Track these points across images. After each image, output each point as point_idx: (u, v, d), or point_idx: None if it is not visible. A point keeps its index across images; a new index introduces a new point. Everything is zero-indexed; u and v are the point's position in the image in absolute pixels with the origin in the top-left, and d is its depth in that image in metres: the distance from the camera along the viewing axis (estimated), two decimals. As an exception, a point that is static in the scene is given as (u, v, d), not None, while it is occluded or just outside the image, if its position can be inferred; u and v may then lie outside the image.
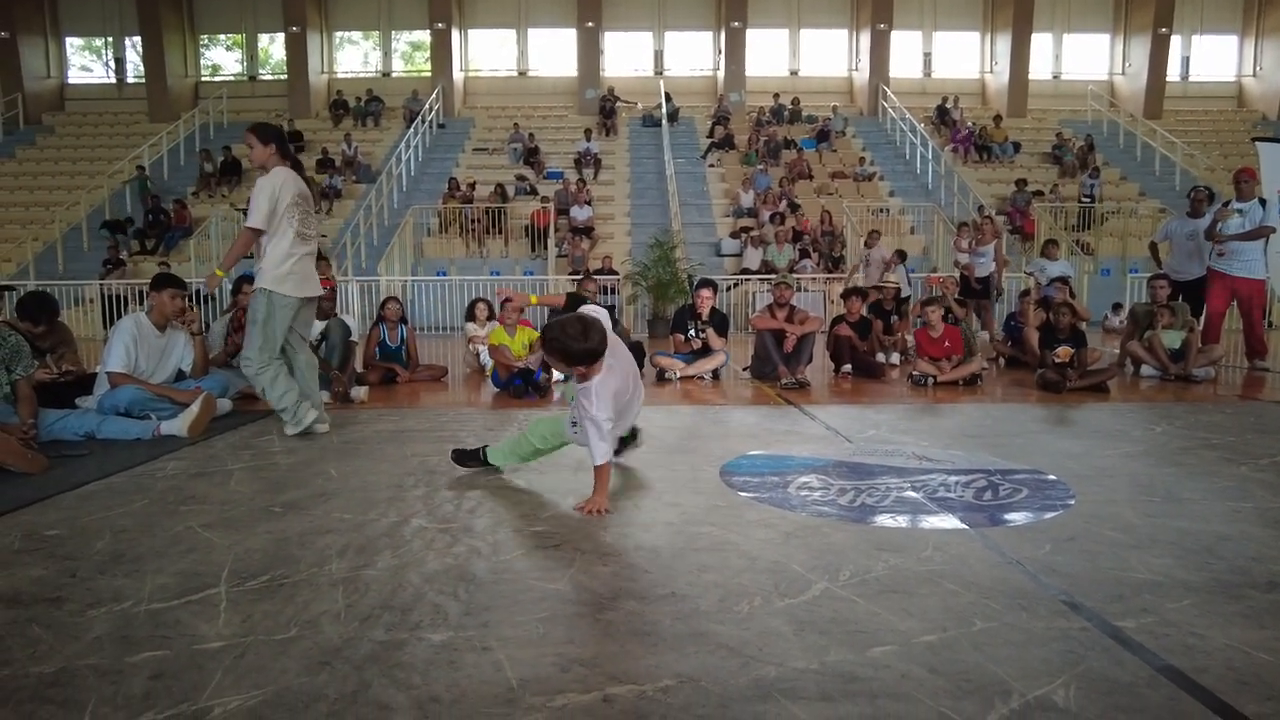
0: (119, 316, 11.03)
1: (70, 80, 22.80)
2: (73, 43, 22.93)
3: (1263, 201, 7.25)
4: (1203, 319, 7.41)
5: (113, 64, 22.89)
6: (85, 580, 2.21)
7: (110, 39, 22.82)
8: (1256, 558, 2.35)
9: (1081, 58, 22.94)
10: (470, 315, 7.92)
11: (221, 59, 23.77)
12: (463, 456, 3.49)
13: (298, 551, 2.44)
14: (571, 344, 2.75)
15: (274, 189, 4.22)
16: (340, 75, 22.97)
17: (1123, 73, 22.49)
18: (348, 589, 2.14)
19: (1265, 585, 2.14)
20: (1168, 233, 7.81)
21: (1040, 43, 22.05)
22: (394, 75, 23.22)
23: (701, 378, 6.75)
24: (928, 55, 23.00)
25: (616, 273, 13.26)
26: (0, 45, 20.84)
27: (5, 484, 3.24)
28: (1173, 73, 22.17)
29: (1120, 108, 20.57)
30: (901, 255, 11.55)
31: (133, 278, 13.52)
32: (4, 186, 18.31)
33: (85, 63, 23.53)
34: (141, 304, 5.67)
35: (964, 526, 2.69)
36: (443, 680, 1.65)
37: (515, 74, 23.05)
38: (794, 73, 22.88)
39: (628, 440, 3.57)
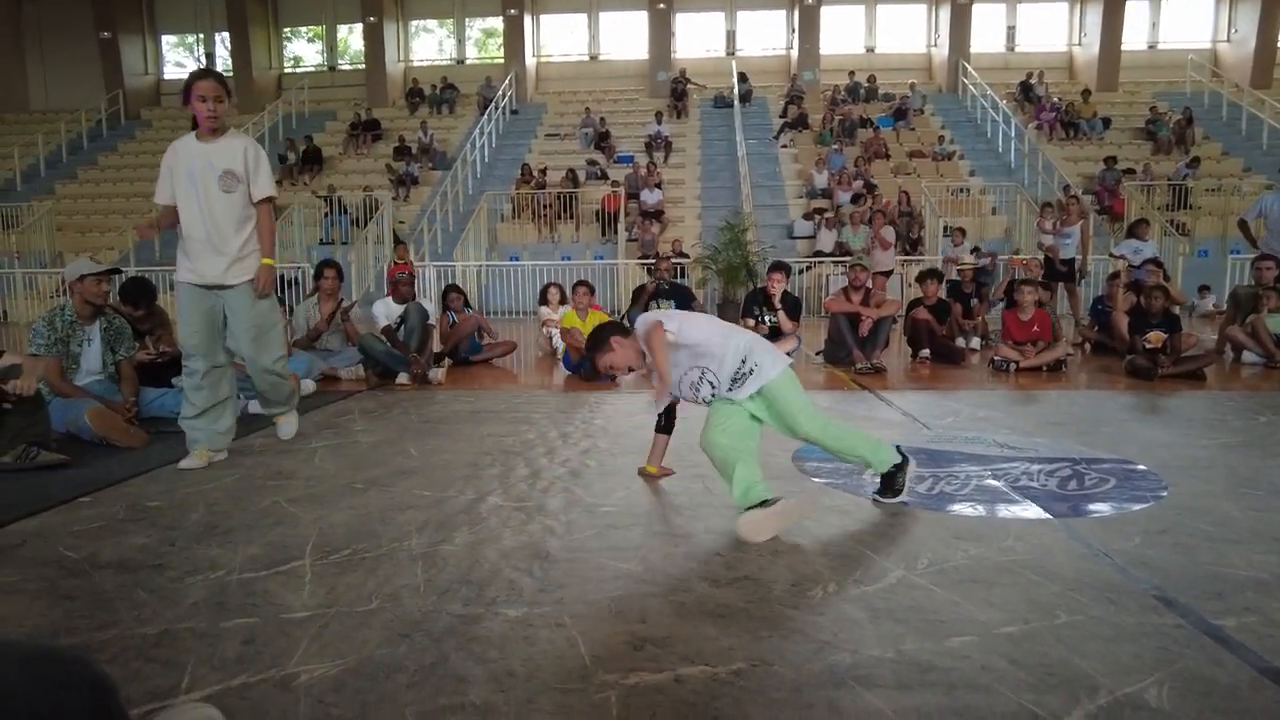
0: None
1: (165, 76, 23.85)
2: (168, 40, 23.97)
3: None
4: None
5: (203, 59, 23.85)
6: (183, 549, 2.33)
7: (201, 35, 23.78)
8: (1372, 556, 2.20)
9: (1181, 25, 21.63)
10: (543, 299, 8.02)
11: (303, 50, 24.52)
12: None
13: (379, 527, 2.52)
14: (593, 355, 2.72)
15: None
16: (416, 64, 23.41)
17: (1228, 39, 21.10)
18: (426, 564, 2.20)
19: (1382, 585, 2.00)
20: (1263, 209, 7.31)
21: (1135, 10, 20.87)
22: (468, 62, 23.54)
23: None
24: (1011, 28, 22.05)
25: (687, 256, 13.20)
26: (102, 45, 21.95)
27: (111, 458, 3.44)
28: (1284, 38, 20.70)
29: (1224, 77, 19.33)
30: (961, 232, 11.21)
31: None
32: (106, 179, 19.34)
33: (179, 59, 24.60)
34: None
35: (1047, 516, 2.59)
36: (518, 655, 1.68)
37: (587, 58, 23.08)
38: (870, 50, 22.27)
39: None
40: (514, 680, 1.58)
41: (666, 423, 3.01)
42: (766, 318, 6.92)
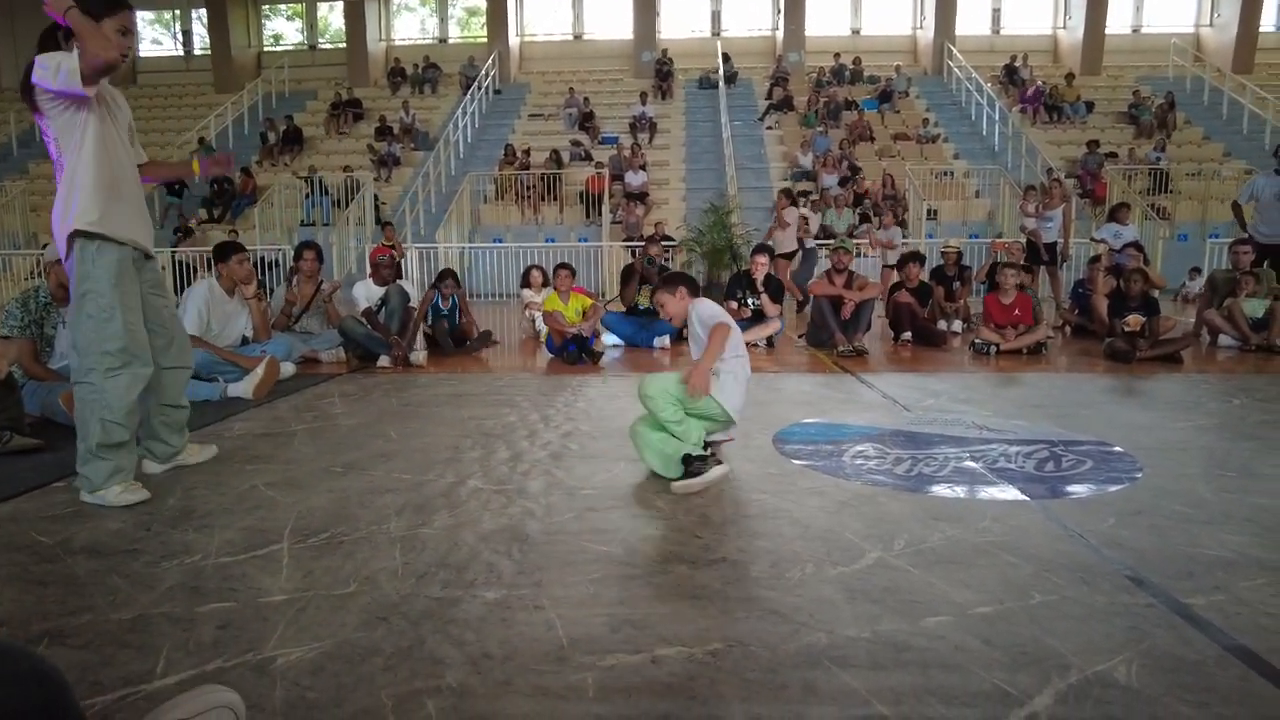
0: (188, 283, 11.42)
1: (141, 53, 23.42)
2: (143, 16, 23.50)
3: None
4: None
5: (180, 36, 23.44)
6: (159, 534, 2.31)
7: (178, 11, 23.35)
8: (1339, 536, 2.24)
9: (1165, 9, 21.69)
10: (525, 282, 7.98)
11: (282, 28, 24.14)
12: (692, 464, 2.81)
13: (358, 510, 2.51)
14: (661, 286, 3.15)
15: None
16: (398, 43, 23.12)
17: (1210, 24, 21.18)
18: (405, 547, 2.19)
19: (1348, 564, 2.04)
20: (1254, 192, 7.37)
21: (1119, -6, 20.92)
22: (450, 42, 23.27)
23: (755, 345, 6.68)
24: (996, 11, 22.04)
25: (671, 239, 13.17)
26: (64, 31, 21.49)
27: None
28: (1267, 22, 20.79)
29: (1206, 62, 19.43)
30: (894, 216, 11.24)
31: (201, 245, 13.96)
32: (81, 157, 19.04)
33: (155, 35, 24.16)
34: (211, 271, 5.84)
35: (1024, 498, 2.62)
36: (495, 637, 1.68)
37: (571, 38, 22.87)
38: (855, 32, 22.20)
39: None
40: (491, 662, 1.58)
41: None
42: (750, 300, 6.93)
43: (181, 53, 23.43)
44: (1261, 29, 20.39)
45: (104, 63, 2.40)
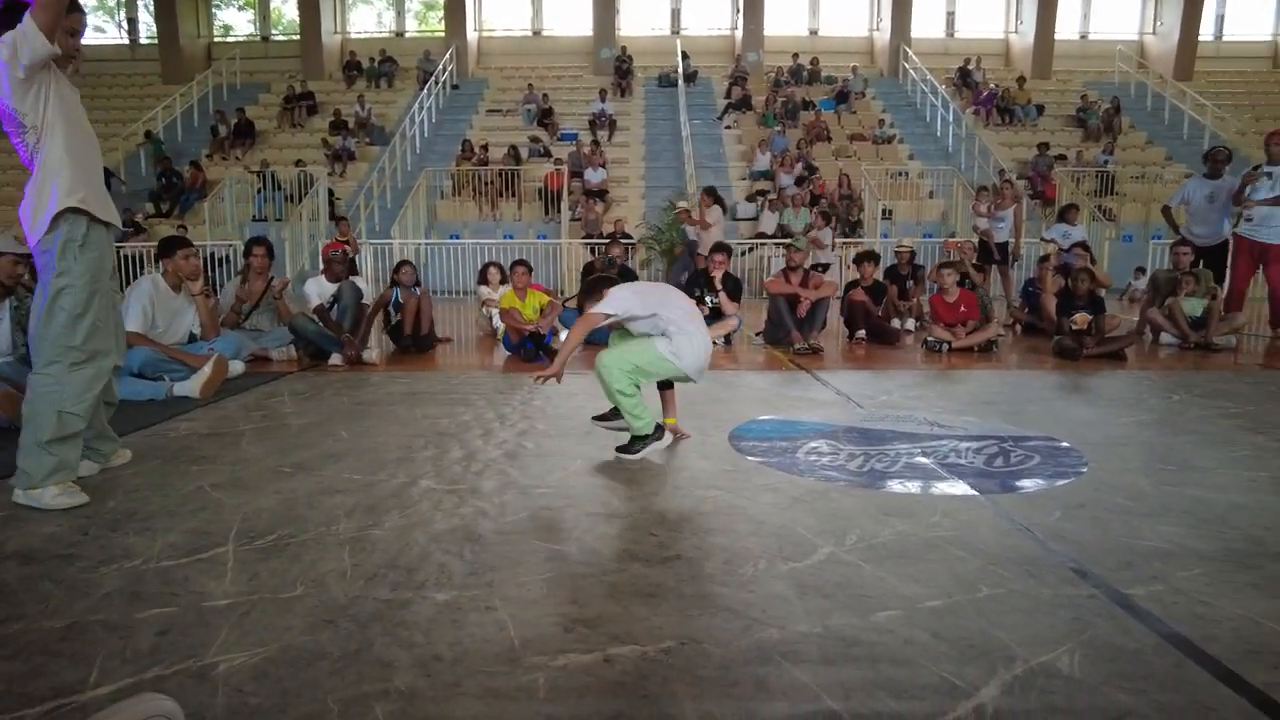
0: (134, 278, 11.10)
1: (83, 41, 22.66)
2: (87, 2, 22.78)
3: (1293, 165, 7.05)
4: (1225, 285, 7.26)
5: (125, 24, 22.76)
6: (97, 538, 2.23)
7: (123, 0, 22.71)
8: (1271, 527, 2.32)
9: (1111, 16, 22.32)
10: (483, 279, 7.91)
11: (233, 19, 23.63)
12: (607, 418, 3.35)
13: (306, 511, 2.46)
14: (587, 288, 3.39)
15: None
16: (353, 35, 22.74)
17: (1153, 32, 21.86)
18: (354, 549, 2.15)
19: (1278, 555, 2.11)
20: (1185, 195, 7.60)
21: (1068, 1, 21.43)
22: (407, 35, 22.98)
23: (714, 342, 6.69)
24: (951, 14, 22.45)
25: (631, 237, 13.16)
26: (12, 4, 20.74)
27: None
28: (1206, 31, 21.52)
29: (1150, 68, 20.02)
30: (826, 218, 11.43)
31: (148, 240, 13.57)
32: (20, 148, 18.38)
33: (98, 23, 23.42)
34: (157, 266, 5.68)
35: (974, 493, 2.67)
36: (445, 639, 1.66)
37: (530, 34, 22.73)
38: (813, 32, 22.43)
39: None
40: (440, 664, 1.56)
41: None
42: (708, 299, 6.95)
43: (126, 41, 22.74)
44: (1200, 38, 21.10)
45: (54, 17, 2.36)
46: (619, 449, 3.11)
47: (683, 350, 3.12)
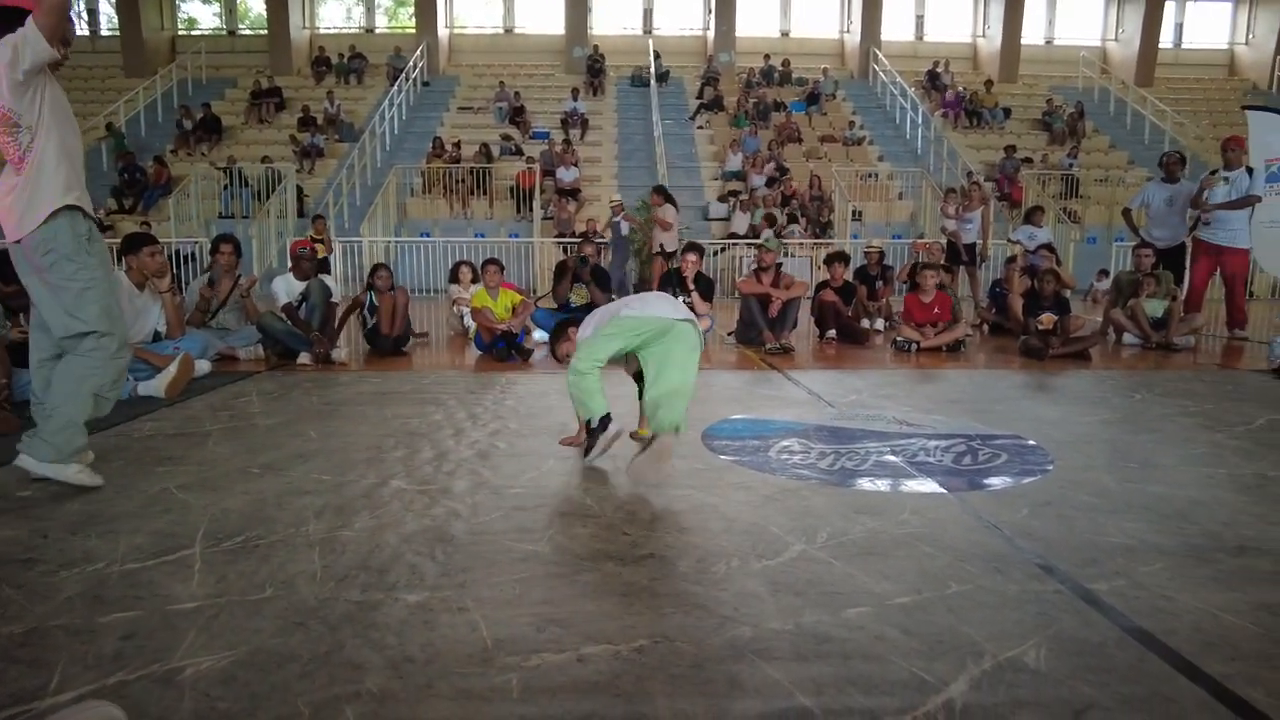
0: (97, 276, 10.85)
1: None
2: (44, -7, 22.25)
3: (1249, 170, 7.24)
4: (1184, 287, 7.44)
5: (84, 14, 22.24)
6: (57, 541, 2.19)
7: (82, -12, 22.18)
8: (1228, 523, 2.38)
9: (1075, 22, 22.73)
10: (454, 277, 7.85)
11: (198, 12, 23.21)
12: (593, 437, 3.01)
13: (275, 513, 2.42)
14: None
15: None
16: (322, 31, 22.45)
17: (1115, 38, 22.30)
18: (324, 550, 2.13)
19: (1234, 549, 2.16)
20: (1145, 199, 7.78)
21: (1033, 6, 21.78)
22: (377, 31, 22.74)
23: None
24: (920, 18, 22.70)
25: (603, 237, 13.15)
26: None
27: (-22, 443, 3.20)
28: (1165, 39, 21.99)
29: (1112, 74, 20.43)
30: (770, 220, 11.56)
31: (110, 237, 13.30)
32: (-24, 141, 17.89)
33: (58, 14, 22.84)
34: (119, 263, 5.57)
35: (943, 491, 2.70)
36: (418, 640, 1.65)
37: (501, 31, 22.60)
38: (785, 34, 22.56)
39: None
40: (412, 666, 1.55)
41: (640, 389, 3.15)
42: (681, 298, 6.97)
43: (87, 32, 22.22)
44: (1161, 45, 21.57)
45: (57, 23, 2.42)
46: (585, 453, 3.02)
47: (643, 308, 2.98)
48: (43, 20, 2.39)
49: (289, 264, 6.26)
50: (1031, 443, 3.36)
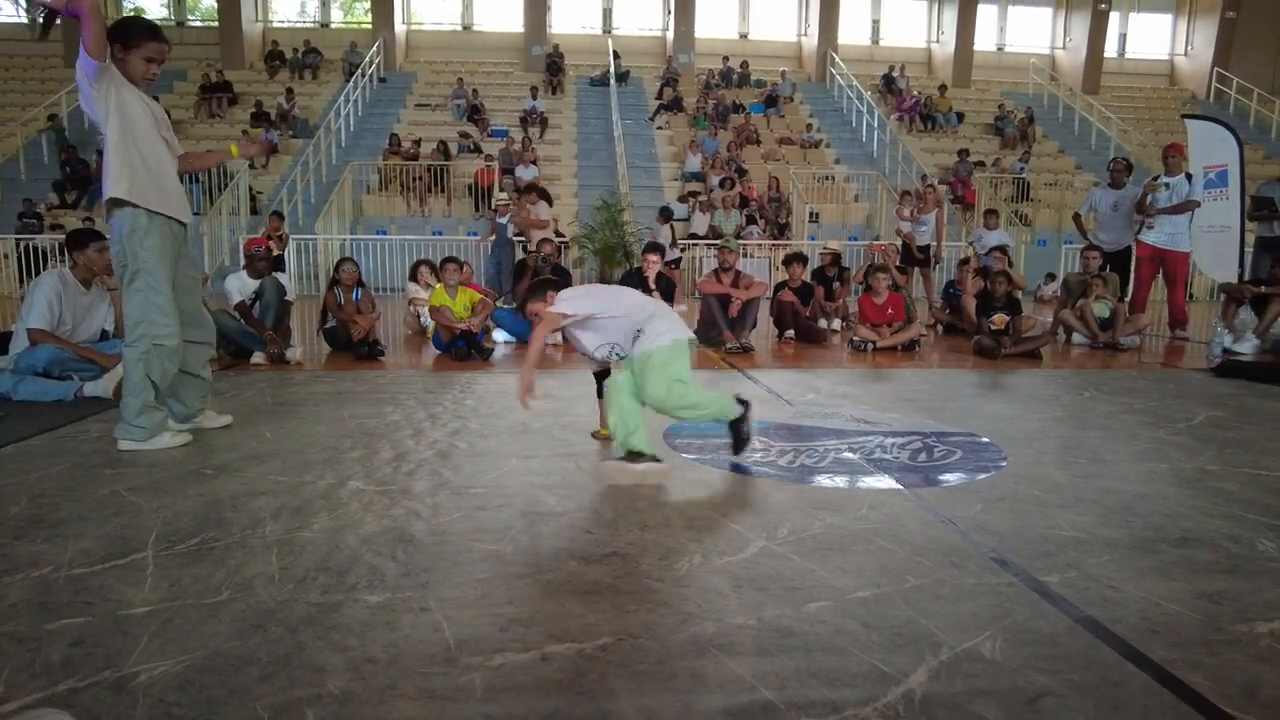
0: (36, 273, 10.52)
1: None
2: (-18, -20, 21.50)
3: (1189, 177, 7.50)
4: (1129, 289, 7.67)
5: (23, 2, 21.50)
6: (1, 546, 2.11)
7: (22, -24, 21.43)
8: (1170, 515, 2.46)
9: (1025, 30, 23.30)
10: (413, 276, 7.77)
11: (145, 2, 22.56)
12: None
13: (230, 514, 2.38)
14: (527, 289, 3.11)
15: None
16: (276, 24, 22.03)
17: (1064, 47, 22.91)
18: (282, 551, 2.09)
19: (1176, 540, 2.24)
20: (1092, 204, 8.03)
21: (985, 13, 22.29)
22: (332, 26, 22.38)
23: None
24: (876, 22, 23.08)
25: (563, 235, 13.12)
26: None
27: (-87, 446, 3.08)
28: (1110, 49, 22.67)
29: (1060, 81, 20.99)
30: (666, 214, 11.76)
31: (51, 232, 12.87)
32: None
33: (-4, 3, 22.07)
34: (62, 259, 5.39)
35: (899, 487, 2.75)
36: (379, 641, 1.63)
37: (459, 28, 22.42)
38: (744, 36, 22.75)
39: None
40: (375, 667, 1.53)
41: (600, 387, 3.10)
42: (641, 298, 6.98)
43: (25, 20, 21.48)
44: (1106, 55, 22.23)
45: (94, 36, 2.86)
46: (734, 452, 2.98)
47: (671, 326, 2.95)
48: (85, 34, 2.82)
49: (242, 262, 6.13)
50: (985, 440, 3.44)
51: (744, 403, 2.98)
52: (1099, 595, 1.88)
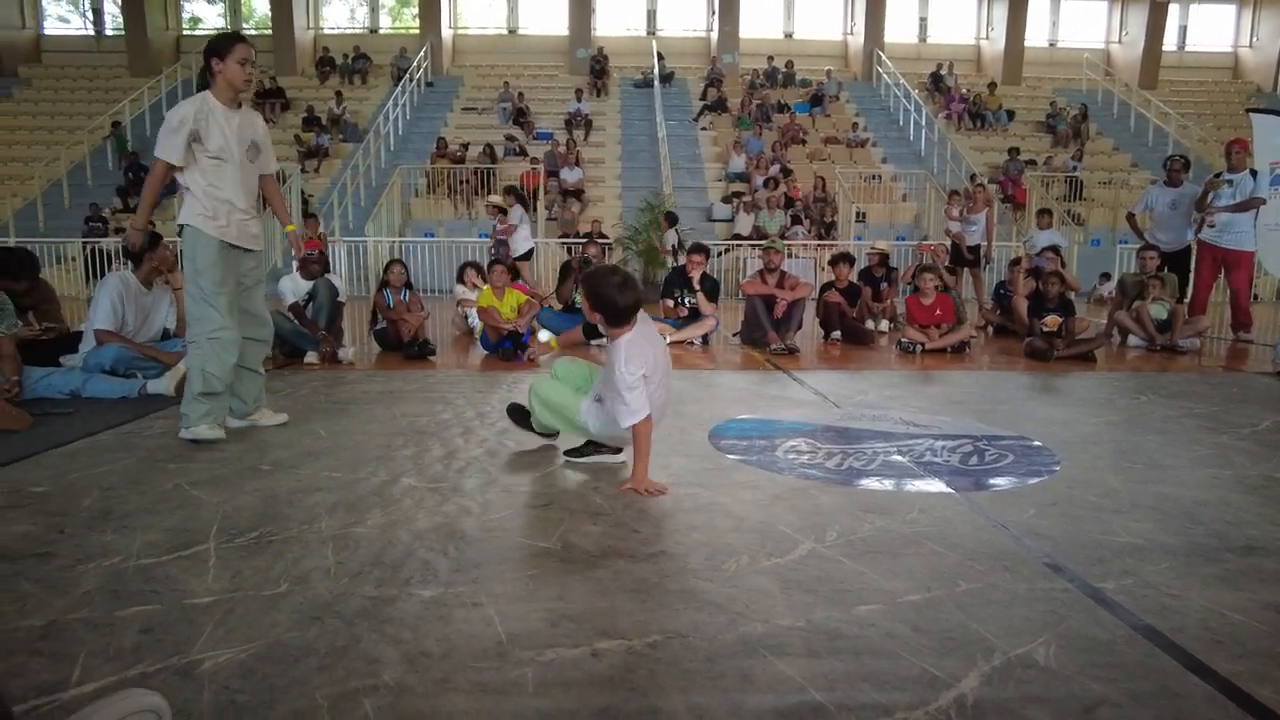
0: (101, 275, 10.90)
1: (46, 31, 22.22)
2: (51, -7, 22.37)
3: (1254, 173, 7.25)
4: (1189, 290, 7.44)
5: (90, 14, 22.31)
6: (73, 536, 2.21)
7: (88, -12, 22.25)
8: (1234, 522, 2.39)
9: (1078, 25, 22.74)
10: (460, 278, 7.88)
11: (203, 12, 23.27)
12: (517, 415, 3.27)
13: (287, 509, 2.44)
14: (614, 293, 2.64)
15: None
16: (327, 31, 22.52)
17: (1119, 41, 22.31)
18: (338, 546, 2.14)
19: (1241, 549, 2.17)
20: (1148, 203, 7.77)
21: (1037, 8, 21.80)
22: (381, 32, 22.80)
23: (691, 343, 6.75)
24: (923, 20, 22.73)
25: (607, 237, 13.17)
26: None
27: (-10, 440, 3.22)
28: (1169, 42, 22.02)
29: (1116, 77, 20.44)
30: (671, 219, 11.63)
31: (115, 235, 13.33)
32: (-18, 140, 17.96)
33: (62, 13, 22.95)
34: (125, 262, 5.58)
35: (949, 490, 2.72)
36: (433, 634, 1.67)
37: (505, 32, 22.66)
38: (788, 35, 22.59)
39: None
40: (429, 660, 1.57)
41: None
42: (686, 299, 6.99)
43: (92, 32, 22.30)
44: (1165, 48, 21.58)
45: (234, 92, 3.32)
46: (568, 452, 3.06)
47: (609, 421, 2.79)
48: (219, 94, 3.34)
49: (295, 264, 6.27)
50: (1037, 444, 3.38)
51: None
52: (1158, 603, 1.83)
